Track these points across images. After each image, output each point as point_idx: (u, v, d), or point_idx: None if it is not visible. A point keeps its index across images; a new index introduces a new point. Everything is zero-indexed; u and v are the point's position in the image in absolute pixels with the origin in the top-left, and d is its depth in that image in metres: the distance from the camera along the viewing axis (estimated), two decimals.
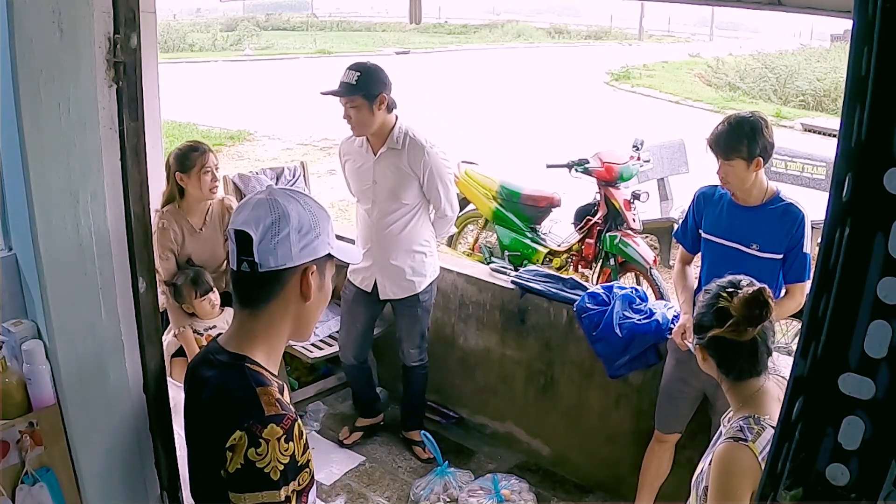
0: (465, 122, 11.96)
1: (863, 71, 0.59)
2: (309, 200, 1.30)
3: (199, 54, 22.37)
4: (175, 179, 2.97)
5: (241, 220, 1.25)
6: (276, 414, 1.18)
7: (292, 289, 1.28)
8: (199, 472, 1.34)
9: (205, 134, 11.21)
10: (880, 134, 0.59)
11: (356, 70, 2.90)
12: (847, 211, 0.62)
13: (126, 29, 1.55)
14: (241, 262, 1.26)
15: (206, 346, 1.39)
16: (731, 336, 1.60)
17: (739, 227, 2.49)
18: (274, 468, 1.15)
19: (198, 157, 2.93)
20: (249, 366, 1.26)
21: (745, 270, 2.44)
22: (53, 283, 1.58)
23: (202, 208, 3.06)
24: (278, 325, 1.31)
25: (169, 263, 2.98)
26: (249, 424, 1.16)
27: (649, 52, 25.01)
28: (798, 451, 0.67)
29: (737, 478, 1.52)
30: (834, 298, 0.63)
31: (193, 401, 1.36)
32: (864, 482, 0.63)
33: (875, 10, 0.58)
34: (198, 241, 3.06)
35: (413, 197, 3.06)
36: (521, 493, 3.10)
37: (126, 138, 1.61)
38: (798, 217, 2.44)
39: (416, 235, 3.13)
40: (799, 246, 2.43)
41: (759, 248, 2.45)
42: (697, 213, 2.64)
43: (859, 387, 0.62)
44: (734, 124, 2.42)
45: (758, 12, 5.65)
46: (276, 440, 1.16)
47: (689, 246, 2.71)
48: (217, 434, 1.19)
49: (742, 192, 2.48)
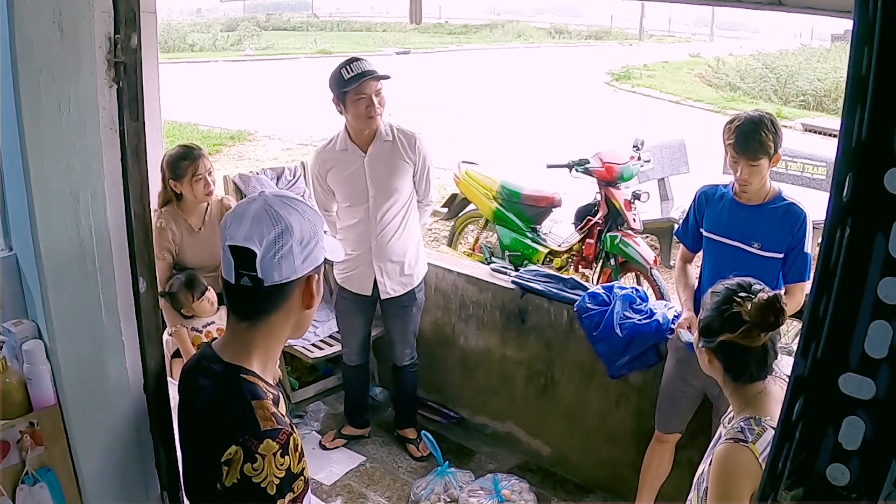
0: (465, 122, 11.96)
1: (863, 71, 0.59)
2: (305, 207, 1.27)
3: (200, 54, 22.39)
4: (170, 185, 2.98)
5: (242, 236, 1.21)
6: (272, 429, 1.17)
7: (295, 300, 1.26)
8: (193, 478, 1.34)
9: (205, 134, 11.22)
10: (881, 134, 0.59)
11: (366, 60, 2.96)
12: (847, 211, 0.62)
13: (126, 29, 1.55)
14: (240, 276, 1.22)
15: (201, 351, 1.37)
16: (742, 342, 1.58)
17: (741, 226, 2.49)
18: (270, 483, 1.15)
19: (188, 166, 2.93)
20: (245, 377, 1.24)
21: (745, 269, 2.44)
22: (54, 283, 1.58)
23: (200, 209, 3.07)
24: (278, 334, 1.29)
25: (164, 264, 2.96)
26: (245, 439, 1.15)
27: (650, 52, 25.01)
28: (798, 451, 0.67)
29: (737, 478, 1.51)
30: (834, 298, 0.63)
31: (186, 407, 1.35)
32: (865, 482, 0.63)
33: (875, 10, 0.58)
34: (196, 241, 3.05)
35: (406, 186, 3.10)
36: (522, 493, 3.10)
37: (126, 138, 1.60)
38: (800, 217, 2.43)
39: (410, 228, 3.18)
40: (800, 246, 2.43)
41: (760, 246, 2.45)
42: (699, 212, 2.64)
43: (860, 387, 0.62)
44: (756, 123, 2.38)
45: (758, 12, 5.65)
46: (272, 455, 1.15)
47: (689, 244, 2.71)
48: (211, 446, 1.18)
49: (753, 192, 2.48)
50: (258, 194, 1.29)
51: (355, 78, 2.89)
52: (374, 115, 2.95)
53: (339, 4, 39.72)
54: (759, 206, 2.47)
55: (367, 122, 2.97)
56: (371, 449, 3.49)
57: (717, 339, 1.62)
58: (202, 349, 1.38)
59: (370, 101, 2.92)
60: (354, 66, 2.91)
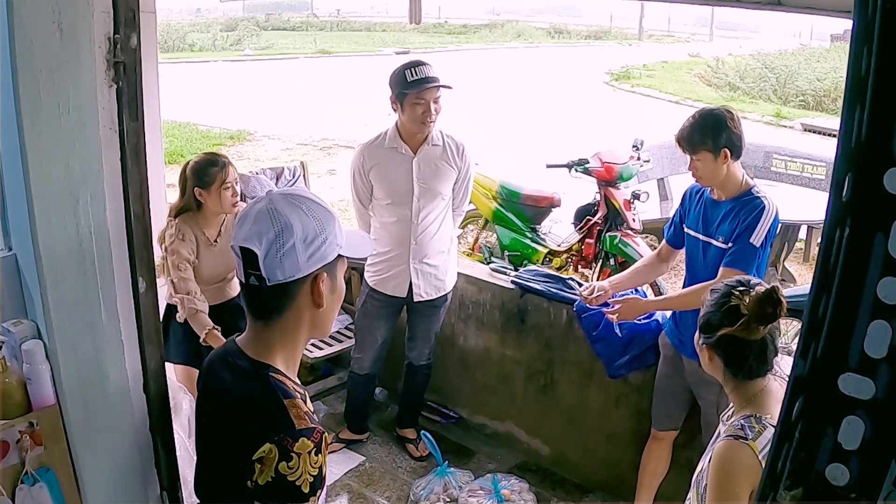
0: (464, 121, 11.94)
1: (863, 71, 0.59)
2: (312, 205, 1.25)
3: (199, 54, 22.38)
4: (193, 193, 2.83)
5: (243, 236, 1.21)
6: (307, 427, 1.18)
7: (304, 298, 1.25)
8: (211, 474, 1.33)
9: (204, 134, 11.23)
10: (880, 134, 0.59)
11: (430, 65, 2.97)
12: (847, 211, 0.62)
13: (126, 29, 1.55)
14: (249, 275, 1.23)
15: (225, 346, 1.36)
16: (741, 335, 1.59)
17: (710, 221, 2.52)
18: (305, 481, 1.15)
19: (217, 173, 2.80)
20: (273, 375, 1.24)
21: (713, 263, 2.47)
22: (53, 283, 1.58)
23: (218, 220, 2.93)
24: (294, 334, 1.29)
25: (187, 274, 2.79)
26: (280, 438, 1.15)
27: (649, 52, 25.02)
28: (798, 451, 0.67)
29: (736, 476, 1.51)
30: (834, 298, 0.63)
31: (208, 402, 1.35)
32: (864, 482, 0.63)
33: (875, 10, 0.58)
34: (213, 253, 2.91)
35: (448, 191, 3.14)
36: (521, 493, 3.10)
37: (126, 138, 1.61)
38: (756, 207, 2.40)
39: (446, 232, 3.20)
40: (745, 233, 2.38)
41: (723, 240, 2.46)
42: (683, 210, 2.67)
43: (859, 387, 0.62)
44: (698, 118, 2.45)
45: (758, 12, 5.65)
46: (307, 454, 1.16)
47: (669, 237, 2.75)
48: (241, 443, 1.18)
49: (718, 187, 2.50)
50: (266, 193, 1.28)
51: (418, 83, 2.90)
52: (429, 121, 2.97)
53: (338, 4, 39.68)
54: (729, 200, 2.48)
55: (420, 126, 2.98)
56: (370, 449, 3.49)
57: (716, 335, 1.63)
58: (226, 344, 1.37)
59: (428, 107, 2.93)
60: (419, 70, 2.91)
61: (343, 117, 12.21)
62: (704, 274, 2.50)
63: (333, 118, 12.33)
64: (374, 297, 3.25)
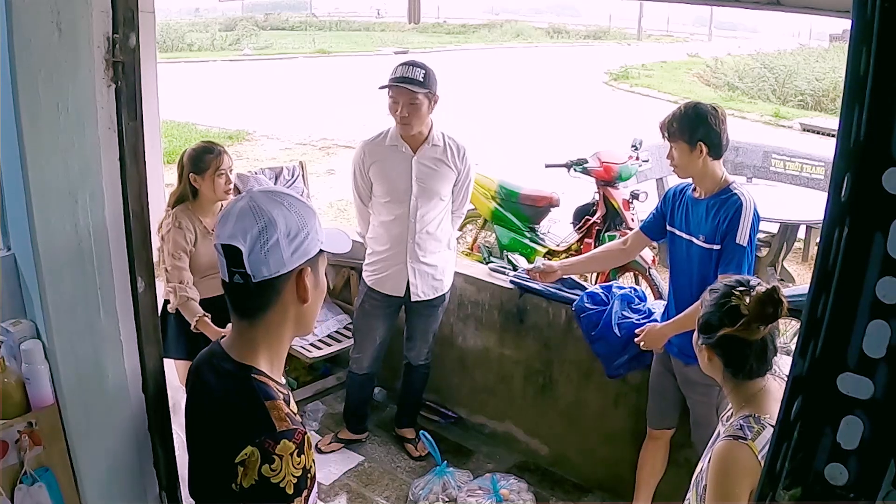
0: (464, 121, 11.95)
1: (861, 71, 0.59)
2: (292, 200, 1.26)
3: (198, 54, 22.35)
4: (188, 180, 2.89)
5: (226, 234, 1.21)
6: (288, 429, 1.18)
7: (289, 294, 1.25)
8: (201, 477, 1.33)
9: (203, 133, 11.21)
10: (879, 134, 0.59)
11: (419, 67, 2.92)
12: (846, 211, 0.62)
13: (125, 28, 1.55)
14: (233, 274, 1.22)
15: (210, 348, 1.37)
16: (741, 335, 1.58)
17: (691, 220, 2.53)
18: (288, 482, 1.15)
19: (212, 160, 2.87)
20: (256, 377, 1.24)
21: (696, 261, 2.48)
22: (52, 283, 1.58)
23: (214, 209, 2.98)
24: (279, 331, 1.29)
25: (181, 262, 2.84)
26: (261, 440, 1.15)
27: (648, 52, 25.03)
28: (797, 450, 0.67)
29: (736, 476, 1.51)
30: (833, 298, 0.63)
31: (195, 404, 1.35)
32: (863, 482, 0.63)
33: (874, 10, 0.58)
34: (210, 242, 2.93)
35: (447, 193, 3.13)
36: (520, 492, 3.10)
37: (125, 138, 1.61)
38: (734, 205, 2.39)
39: (445, 233, 3.20)
40: (731, 236, 2.38)
41: (704, 239, 2.47)
42: (665, 206, 2.68)
43: (858, 386, 0.62)
44: (682, 109, 2.48)
45: (757, 12, 5.65)
46: (289, 455, 1.16)
47: (646, 224, 2.77)
48: (224, 446, 1.18)
49: (696, 182, 2.52)
50: (245, 192, 1.29)
51: (394, 80, 2.89)
52: (402, 122, 2.94)
53: (337, 4, 39.69)
54: (707, 198, 2.49)
55: (399, 126, 2.98)
56: (369, 449, 3.49)
57: (716, 335, 1.62)
58: (211, 346, 1.37)
59: (400, 106, 2.91)
60: (402, 69, 2.91)
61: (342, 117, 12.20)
62: (688, 273, 2.52)
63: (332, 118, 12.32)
64: (372, 296, 3.25)
